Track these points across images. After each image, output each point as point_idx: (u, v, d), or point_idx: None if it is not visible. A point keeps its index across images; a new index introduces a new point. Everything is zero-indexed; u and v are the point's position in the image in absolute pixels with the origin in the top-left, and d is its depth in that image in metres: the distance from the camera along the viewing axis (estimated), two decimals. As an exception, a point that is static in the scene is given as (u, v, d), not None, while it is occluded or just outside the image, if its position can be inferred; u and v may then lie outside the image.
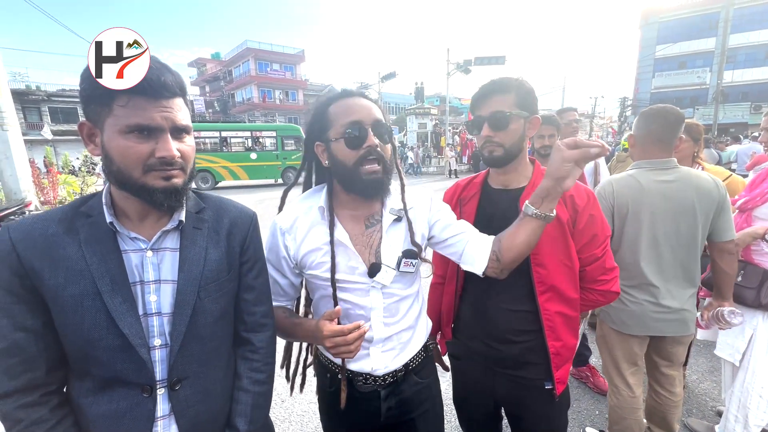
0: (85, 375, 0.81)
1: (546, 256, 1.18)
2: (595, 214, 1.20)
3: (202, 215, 0.92)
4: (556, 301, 1.20)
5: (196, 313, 0.85)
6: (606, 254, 1.23)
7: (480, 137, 1.20)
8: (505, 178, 1.27)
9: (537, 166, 1.27)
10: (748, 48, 29.02)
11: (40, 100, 29.32)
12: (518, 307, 1.22)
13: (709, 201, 1.59)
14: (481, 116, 1.18)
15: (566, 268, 1.20)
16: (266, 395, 1.00)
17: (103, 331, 0.77)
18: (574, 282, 1.22)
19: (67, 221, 0.79)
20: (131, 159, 0.74)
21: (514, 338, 1.23)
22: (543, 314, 1.19)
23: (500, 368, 1.28)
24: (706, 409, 2.43)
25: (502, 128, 1.16)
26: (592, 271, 1.23)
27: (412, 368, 1.16)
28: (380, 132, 1.01)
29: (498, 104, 1.15)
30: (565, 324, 1.22)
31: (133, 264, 0.82)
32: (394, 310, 1.10)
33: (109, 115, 0.73)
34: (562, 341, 1.21)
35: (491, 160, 1.21)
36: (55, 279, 0.76)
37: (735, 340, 1.83)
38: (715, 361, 2.93)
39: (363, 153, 0.99)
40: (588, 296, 1.26)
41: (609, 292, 1.25)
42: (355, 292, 1.07)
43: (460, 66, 22.06)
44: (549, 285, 1.19)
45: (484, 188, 1.33)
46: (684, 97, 31.93)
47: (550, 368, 1.21)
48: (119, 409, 0.80)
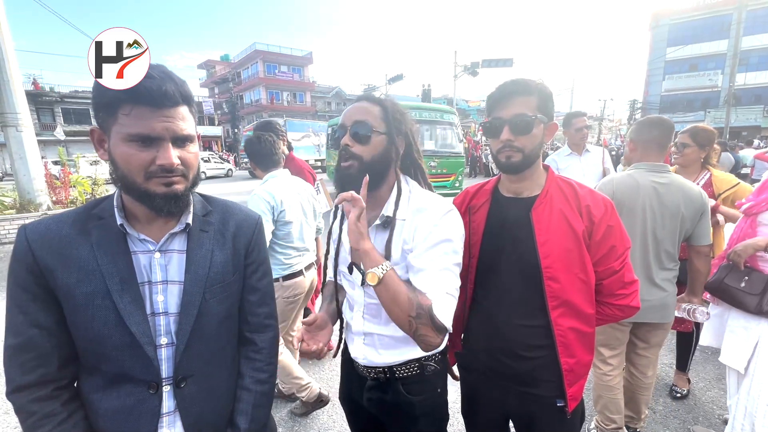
0: (95, 371, 0.84)
1: (559, 270, 1.11)
2: (613, 224, 1.13)
3: (209, 218, 0.94)
4: (570, 317, 1.13)
5: (201, 313, 0.87)
6: (625, 267, 1.16)
7: (497, 141, 1.12)
8: (518, 186, 1.20)
9: (551, 173, 1.20)
10: (761, 50, 28.52)
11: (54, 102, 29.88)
12: (530, 322, 1.16)
13: (693, 207, 1.76)
14: (501, 118, 1.10)
15: (581, 282, 1.13)
16: (268, 395, 1.03)
17: (112, 329, 0.80)
18: (589, 296, 1.15)
19: (80, 223, 0.83)
20: (134, 166, 0.77)
21: (525, 354, 1.17)
22: (555, 330, 1.13)
23: (511, 384, 1.21)
24: (713, 418, 2.40)
25: (524, 132, 1.09)
26: (609, 285, 1.16)
27: (399, 377, 1.12)
28: (356, 132, 1.05)
29: (520, 106, 1.08)
30: (578, 340, 1.15)
31: (141, 265, 0.85)
32: (375, 311, 1.10)
33: (115, 123, 0.76)
34: (575, 358, 1.15)
35: (508, 166, 1.13)
36: (68, 278, 0.79)
37: (740, 347, 1.80)
38: (722, 369, 2.89)
39: (341, 153, 1.07)
40: (605, 311, 1.20)
41: (628, 306, 1.18)
42: (348, 282, 1.17)
43: (468, 68, 22.02)
44: (562, 300, 1.12)
45: (495, 196, 1.26)
46: (695, 99, 31.51)
47: (562, 385, 1.15)
48: (126, 405, 0.83)
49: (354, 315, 1.15)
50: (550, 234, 1.12)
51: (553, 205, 1.14)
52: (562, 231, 1.12)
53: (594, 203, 1.13)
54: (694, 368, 2.75)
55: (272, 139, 2.23)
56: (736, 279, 1.76)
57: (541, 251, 1.11)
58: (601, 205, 1.13)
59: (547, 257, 1.11)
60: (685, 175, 2.31)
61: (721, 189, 2.23)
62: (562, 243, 1.11)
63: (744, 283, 1.76)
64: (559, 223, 1.12)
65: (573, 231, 1.11)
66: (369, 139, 1.04)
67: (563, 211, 1.13)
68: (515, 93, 1.10)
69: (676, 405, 2.52)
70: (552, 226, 1.12)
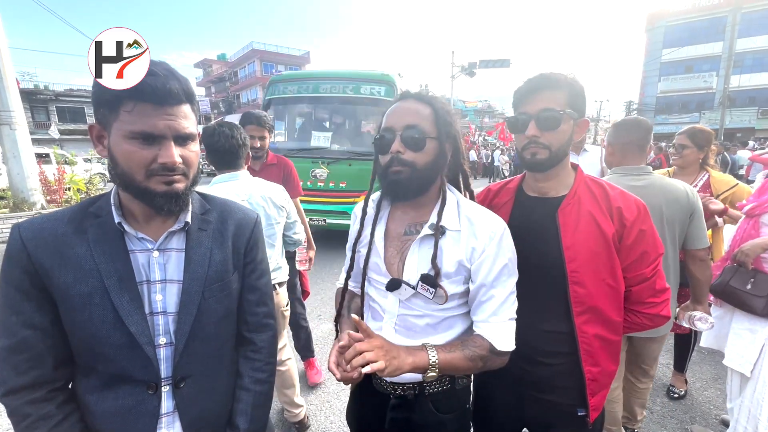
0: (92, 372, 0.82)
1: (586, 275, 1.05)
2: (645, 228, 1.07)
3: (207, 217, 0.93)
4: (596, 324, 1.08)
5: (200, 312, 0.86)
6: (657, 274, 1.10)
7: (522, 137, 1.07)
8: (544, 185, 1.14)
9: (579, 173, 1.14)
10: (755, 53, 28.77)
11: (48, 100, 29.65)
12: (552, 328, 1.11)
13: (676, 208, 1.66)
14: (527, 113, 1.06)
15: (609, 288, 1.07)
16: (267, 395, 1.02)
17: (110, 329, 0.78)
18: (617, 303, 1.10)
19: (76, 221, 0.81)
20: (134, 163, 0.76)
21: (546, 360, 1.12)
22: (579, 337, 1.07)
23: (529, 390, 1.16)
24: (710, 418, 2.41)
25: (552, 128, 1.04)
26: (639, 292, 1.10)
27: (429, 393, 1.04)
28: (410, 137, 0.95)
29: (548, 101, 1.03)
30: (604, 348, 1.10)
31: (140, 263, 0.83)
32: (410, 324, 1.02)
33: (116, 119, 0.75)
34: (600, 367, 1.09)
35: (533, 163, 1.08)
36: (64, 277, 0.77)
37: (746, 350, 1.78)
38: (719, 369, 2.91)
39: (389, 158, 0.98)
40: (633, 319, 1.13)
41: (658, 316, 1.12)
42: (377, 290, 1.06)
43: (465, 69, 22.07)
44: (588, 306, 1.06)
45: (518, 195, 1.20)
46: (690, 101, 31.73)
47: (584, 394, 1.09)
48: (124, 406, 0.82)
49: (384, 326, 1.05)
50: (577, 237, 1.06)
51: (582, 206, 1.08)
52: (591, 234, 1.06)
53: (626, 205, 1.08)
54: (691, 368, 2.76)
55: (231, 134, 1.80)
56: (742, 281, 1.75)
57: (566, 254, 1.06)
58: (633, 208, 1.08)
59: (573, 261, 1.06)
60: (683, 177, 2.31)
61: (719, 190, 2.24)
62: (589, 246, 1.05)
63: (750, 285, 1.74)
64: (587, 226, 1.06)
65: (602, 234, 1.05)
66: (423, 146, 0.96)
67: (592, 213, 1.07)
68: (543, 87, 1.05)
69: (674, 405, 2.53)
70: (579, 228, 1.06)
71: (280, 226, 1.99)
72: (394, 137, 0.97)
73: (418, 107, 0.99)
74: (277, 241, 1.98)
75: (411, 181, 0.97)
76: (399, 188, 0.98)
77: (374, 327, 1.07)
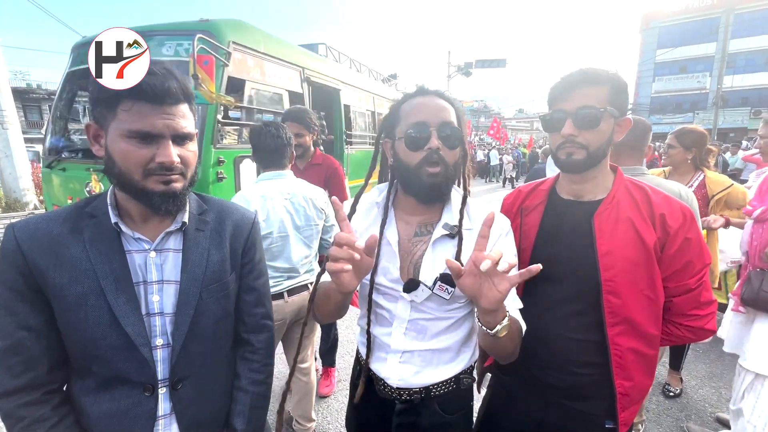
0: (87, 374, 0.81)
1: (622, 285, 0.98)
2: (691, 237, 1.00)
3: (205, 217, 0.93)
4: (630, 336, 1.01)
5: (198, 313, 0.86)
6: (703, 285, 1.03)
7: (558, 136, 1.01)
8: (580, 187, 1.07)
9: (619, 175, 1.08)
10: (747, 53, 29.09)
11: (41, 99, 29.35)
12: (583, 336, 1.04)
13: None
14: (564, 111, 0.99)
15: (647, 300, 1.00)
16: (264, 396, 1.01)
17: (106, 330, 0.77)
18: (655, 316, 1.03)
19: (71, 221, 0.80)
20: (132, 163, 0.75)
21: (577, 369, 1.06)
22: (612, 349, 1.01)
23: (557, 397, 1.09)
24: (705, 415, 2.44)
25: (591, 127, 0.97)
26: (681, 304, 1.03)
27: (435, 395, 1.03)
28: (446, 135, 0.93)
29: (587, 98, 0.97)
30: (638, 362, 1.03)
31: (136, 264, 0.82)
32: (421, 327, 1.01)
33: (114, 118, 0.74)
34: (633, 381, 1.03)
35: (569, 164, 1.01)
36: (59, 278, 0.76)
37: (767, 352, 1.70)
38: (713, 367, 2.94)
39: (425, 155, 0.92)
40: (673, 330, 1.07)
41: (701, 329, 1.05)
42: (385, 295, 1.03)
43: (461, 68, 22.13)
44: (623, 317, 1.00)
45: (551, 197, 1.13)
46: (684, 101, 32.01)
47: (614, 407, 1.03)
48: (120, 408, 0.81)
49: (393, 331, 1.02)
50: (615, 244, 0.99)
51: (620, 211, 1.01)
52: (629, 241, 0.99)
53: (670, 212, 1.00)
54: (686, 366, 2.79)
55: (277, 133, 1.85)
56: None
57: (602, 262, 0.99)
58: (678, 215, 1.00)
59: (608, 269, 0.99)
60: (676, 177, 2.32)
61: (715, 190, 2.25)
62: (628, 255, 0.98)
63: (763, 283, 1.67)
64: (626, 233, 1.00)
65: (642, 242, 0.98)
66: (457, 144, 0.95)
67: (632, 219, 1.00)
68: (582, 82, 0.98)
69: (669, 403, 2.55)
70: (617, 235, 1.00)
71: (318, 228, 1.98)
72: (429, 133, 0.92)
73: (446, 104, 0.96)
74: (315, 243, 1.98)
75: (447, 181, 0.95)
76: (437, 190, 0.95)
77: (382, 332, 1.05)
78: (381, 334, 1.05)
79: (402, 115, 0.98)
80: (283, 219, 1.83)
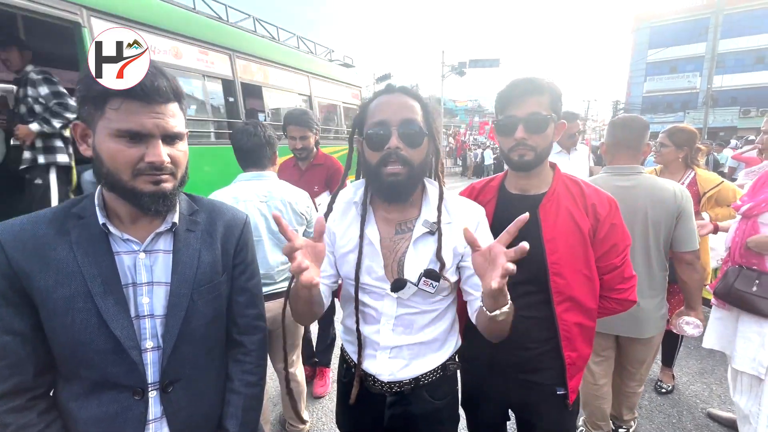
0: (75, 378, 0.79)
1: (565, 266, 1.13)
2: (616, 222, 1.17)
3: (195, 218, 0.91)
4: (575, 312, 1.16)
5: (189, 315, 0.84)
6: (625, 263, 1.20)
7: (511, 139, 1.12)
8: (526, 183, 1.21)
9: (557, 171, 1.22)
10: (737, 53, 29.55)
11: (31, 98, 28.83)
12: (533, 314, 1.17)
13: (662, 209, 1.64)
14: (516, 117, 1.10)
15: (585, 279, 1.15)
16: (257, 397, 1.00)
17: (94, 333, 0.76)
18: (593, 293, 1.18)
19: (57, 222, 0.78)
20: (121, 162, 0.74)
21: (530, 345, 1.19)
22: (560, 325, 1.15)
23: (512, 372, 1.22)
24: (696, 411, 2.46)
25: (539, 131, 1.10)
26: (610, 280, 1.19)
27: (423, 384, 1.07)
28: (408, 133, 0.93)
29: (535, 105, 1.09)
30: (581, 334, 1.18)
31: (125, 266, 0.81)
32: (408, 321, 1.04)
33: (102, 117, 0.73)
34: (578, 352, 1.18)
35: (521, 164, 1.14)
36: (45, 281, 0.74)
37: (757, 353, 1.72)
38: (705, 363, 2.98)
39: (384, 154, 0.94)
40: (605, 304, 1.23)
41: (626, 300, 1.22)
42: (371, 294, 1.05)
43: (455, 68, 22.20)
44: (567, 295, 1.15)
45: (501, 192, 1.26)
46: (675, 101, 32.44)
47: (564, 376, 1.18)
48: (109, 412, 0.79)
49: (381, 329, 1.05)
50: (557, 231, 1.13)
51: (560, 203, 1.16)
52: (569, 229, 1.14)
53: (599, 202, 1.17)
54: (677, 363, 2.81)
55: (254, 131, 1.78)
56: (747, 283, 1.71)
57: (547, 248, 1.13)
58: (606, 204, 1.17)
59: (553, 254, 1.13)
60: (667, 175, 2.34)
61: (705, 188, 2.27)
62: (568, 240, 1.13)
63: (756, 287, 1.69)
64: (565, 221, 1.14)
65: (579, 228, 1.13)
66: (420, 142, 0.95)
67: (570, 209, 1.15)
68: (529, 92, 1.10)
69: (661, 400, 2.57)
70: (559, 223, 1.14)
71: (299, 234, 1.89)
72: (390, 132, 0.93)
73: (410, 102, 0.97)
74: None
75: (410, 181, 0.96)
76: (397, 189, 0.96)
77: (369, 331, 1.07)
78: (370, 333, 1.07)
79: (369, 113, 0.99)
80: (257, 223, 1.74)
